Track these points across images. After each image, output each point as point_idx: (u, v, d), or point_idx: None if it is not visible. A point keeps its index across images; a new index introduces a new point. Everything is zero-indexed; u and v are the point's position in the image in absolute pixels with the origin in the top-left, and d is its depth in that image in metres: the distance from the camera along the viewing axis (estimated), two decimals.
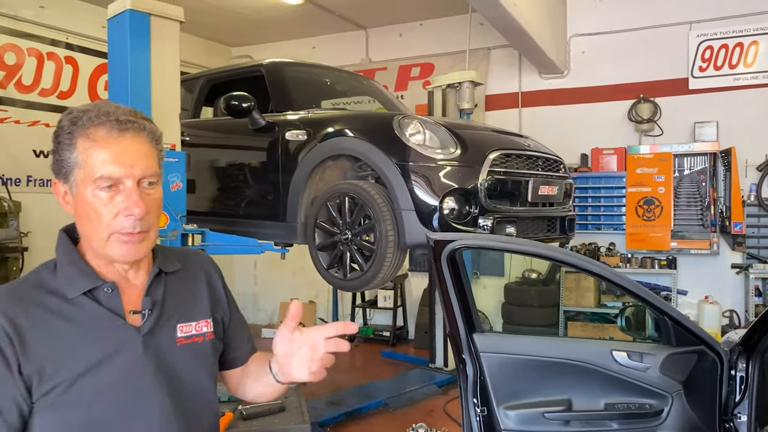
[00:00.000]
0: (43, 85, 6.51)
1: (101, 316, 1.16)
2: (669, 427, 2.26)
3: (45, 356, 1.09)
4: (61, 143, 1.15)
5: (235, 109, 3.79)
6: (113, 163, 1.13)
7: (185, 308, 1.28)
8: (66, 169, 1.15)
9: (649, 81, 6.47)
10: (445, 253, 2.24)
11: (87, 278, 1.17)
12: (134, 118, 1.17)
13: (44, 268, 1.20)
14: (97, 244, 1.16)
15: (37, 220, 6.19)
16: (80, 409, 1.11)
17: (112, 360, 1.14)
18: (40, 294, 1.14)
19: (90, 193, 1.13)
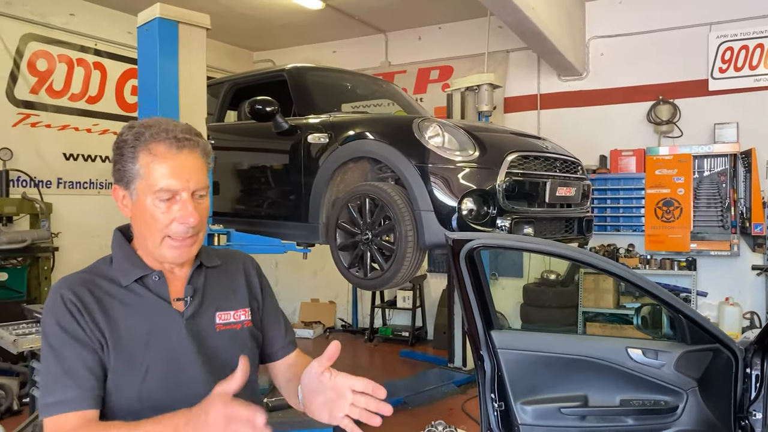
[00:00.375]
0: (72, 90, 6.71)
1: (150, 300, 1.31)
2: (684, 423, 2.30)
3: (105, 332, 1.25)
4: (124, 155, 1.28)
5: (259, 113, 3.91)
6: (172, 176, 1.27)
7: (224, 298, 1.40)
8: (128, 178, 1.29)
9: (669, 82, 6.46)
10: (463, 252, 2.31)
11: (138, 268, 1.33)
12: (190, 135, 1.31)
13: (101, 262, 1.37)
14: (152, 245, 1.31)
15: (66, 221, 6.39)
16: (133, 382, 1.26)
17: (159, 339, 1.29)
18: (100, 281, 1.31)
19: (150, 202, 1.27)
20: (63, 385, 1.19)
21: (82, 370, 1.22)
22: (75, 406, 1.18)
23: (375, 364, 6.96)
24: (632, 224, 6.57)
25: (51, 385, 1.21)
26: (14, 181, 6.00)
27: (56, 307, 1.25)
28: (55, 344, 1.22)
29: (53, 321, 1.24)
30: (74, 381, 1.20)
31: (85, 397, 1.20)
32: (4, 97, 6.13)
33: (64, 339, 1.22)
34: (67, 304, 1.24)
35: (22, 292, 5.64)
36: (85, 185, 6.82)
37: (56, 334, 1.23)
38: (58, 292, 1.26)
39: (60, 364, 1.21)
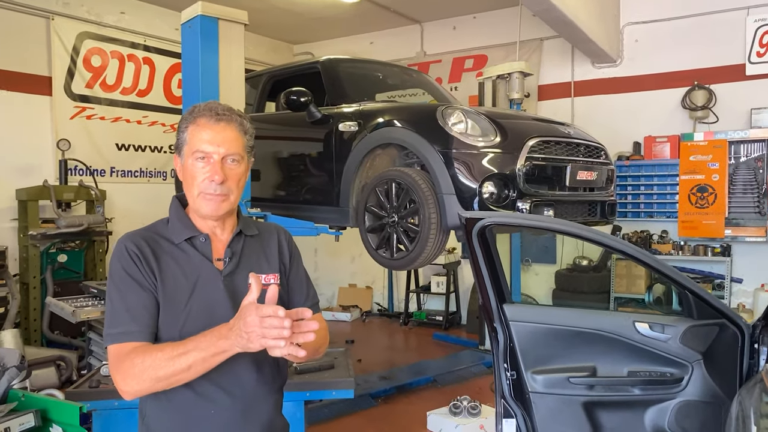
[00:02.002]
0: (124, 84, 7.12)
1: (196, 257, 1.57)
2: (689, 394, 2.40)
3: (158, 278, 1.50)
4: (180, 127, 1.60)
5: (293, 103, 4.13)
6: (207, 142, 1.54)
7: (258, 263, 1.63)
8: (180, 145, 1.59)
9: (704, 68, 6.40)
10: (475, 229, 2.46)
11: (189, 229, 1.59)
12: (229, 112, 1.58)
13: (160, 222, 1.63)
14: (192, 200, 1.58)
15: (119, 207, 6.82)
16: (176, 323, 1.50)
17: (200, 290, 1.53)
18: (157, 237, 1.57)
19: (190, 162, 1.56)
20: (125, 320, 1.45)
21: (141, 308, 1.46)
22: (133, 338, 1.43)
23: (409, 345, 7.17)
24: (666, 210, 6.56)
25: (115, 319, 1.46)
26: (72, 169, 6.44)
27: (122, 255, 1.50)
28: (120, 285, 1.48)
29: (119, 266, 1.49)
30: (134, 317, 1.45)
31: (142, 331, 1.45)
32: (62, 92, 6.57)
33: (127, 281, 1.47)
34: (130, 254, 1.49)
35: (79, 272, 6.07)
36: (136, 174, 7.25)
37: (121, 277, 1.48)
38: (123, 244, 1.52)
39: (123, 301, 1.46)
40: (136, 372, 1.38)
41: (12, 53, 6.14)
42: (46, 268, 5.76)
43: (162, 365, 1.36)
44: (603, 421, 2.48)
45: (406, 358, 6.20)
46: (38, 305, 5.61)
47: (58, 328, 5.50)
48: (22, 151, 6.22)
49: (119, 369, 1.41)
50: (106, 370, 2.69)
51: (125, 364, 1.40)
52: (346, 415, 4.54)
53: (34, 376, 4.74)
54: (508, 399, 2.57)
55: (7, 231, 6.01)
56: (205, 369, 1.37)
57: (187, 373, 1.37)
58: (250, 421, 1.56)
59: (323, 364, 2.84)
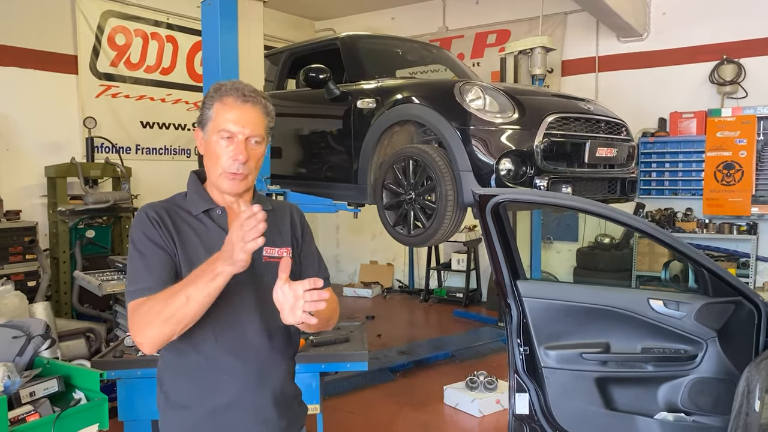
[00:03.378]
0: (148, 63, 7.21)
1: (213, 229, 1.62)
2: (703, 371, 2.40)
3: (177, 244, 1.57)
4: (205, 103, 1.63)
5: (312, 81, 4.14)
6: (232, 122, 1.58)
7: (271, 238, 1.62)
8: (204, 121, 1.62)
9: (734, 41, 6.22)
10: (489, 206, 2.47)
11: (206, 202, 1.64)
12: (255, 94, 1.61)
13: (178, 195, 1.69)
14: (214, 176, 1.62)
15: (144, 184, 6.94)
16: None
17: None
18: (175, 208, 1.63)
19: (214, 140, 1.60)
20: (144, 277, 1.52)
21: (159, 267, 1.53)
22: (151, 292, 1.48)
23: (429, 322, 7.24)
24: (691, 188, 6.45)
25: (135, 277, 1.54)
26: (98, 147, 6.56)
27: (142, 221, 1.57)
28: (140, 247, 1.54)
29: (140, 231, 1.56)
30: (152, 275, 1.52)
31: (159, 287, 1.49)
32: (88, 71, 6.67)
33: (147, 243, 1.54)
34: (150, 220, 1.56)
35: (107, 247, 6.23)
36: (161, 151, 7.36)
37: (142, 240, 1.55)
38: (143, 211, 1.59)
39: (143, 261, 1.53)
40: (145, 319, 1.44)
41: (38, 32, 6.24)
42: (74, 243, 5.92)
43: (164, 304, 1.42)
44: (615, 396, 2.50)
45: (426, 334, 6.26)
46: (68, 279, 5.79)
47: (87, 302, 5.67)
48: (49, 129, 6.36)
49: (134, 322, 1.48)
50: (129, 341, 2.79)
51: (137, 315, 1.47)
52: (365, 388, 4.63)
53: (65, 347, 4.92)
54: (521, 374, 2.60)
55: (37, 207, 6.18)
56: (205, 299, 1.41)
57: (187, 307, 1.41)
58: (263, 387, 1.60)
59: (339, 337, 2.91)
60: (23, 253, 5.52)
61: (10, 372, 2.18)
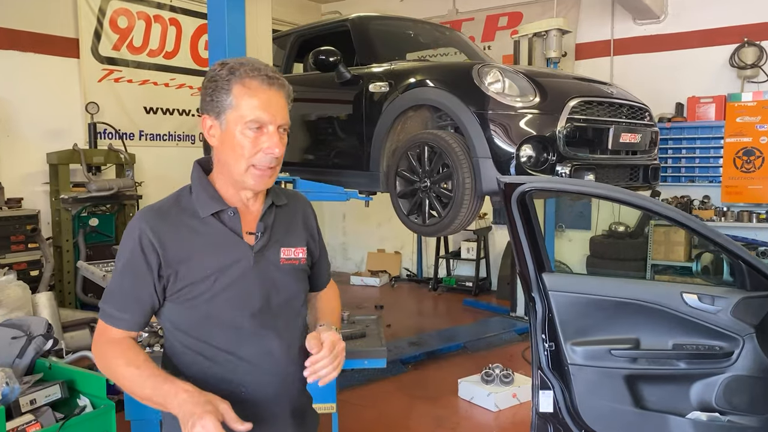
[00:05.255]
0: (151, 46, 7.04)
1: (224, 233, 1.44)
2: (739, 368, 2.28)
3: (180, 261, 1.40)
4: (218, 88, 1.39)
5: (322, 64, 3.99)
6: (261, 109, 1.38)
7: (288, 236, 1.53)
8: (219, 108, 1.40)
9: (755, 23, 6.01)
10: (515, 195, 2.35)
11: (216, 202, 1.44)
12: (278, 76, 1.42)
13: (182, 192, 1.49)
14: (237, 172, 1.41)
15: (148, 171, 6.82)
16: (202, 304, 1.41)
17: (230, 268, 1.42)
18: (179, 212, 1.44)
19: (239, 131, 1.38)
20: (117, 303, 1.41)
21: (133, 298, 1.40)
22: (120, 325, 1.41)
23: (438, 311, 7.13)
24: (708, 175, 6.28)
25: (110, 296, 1.43)
26: (101, 133, 6.43)
27: (132, 236, 1.40)
28: (125, 268, 1.41)
29: (129, 248, 1.40)
30: (125, 304, 1.40)
31: (128, 321, 1.41)
32: (89, 55, 6.51)
33: (129, 267, 1.39)
34: (142, 239, 1.38)
35: (110, 236, 6.12)
36: (165, 137, 7.22)
37: (127, 261, 1.40)
38: (138, 225, 1.40)
39: (120, 282, 1.42)
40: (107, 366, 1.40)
41: (38, 15, 6.08)
42: (78, 232, 5.81)
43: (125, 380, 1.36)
44: (646, 394, 2.39)
45: (436, 324, 6.15)
46: (72, 268, 5.68)
47: (91, 291, 5.57)
48: (51, 114, 6.22)
49: (98, 348, 1.42)
50: None
51: (102, 349, 1.40)
52: (377, 381, 4.52)
53: (69, 337, 4.82)
54: (546, 370, 2.51)
55: (39, 195, 6.05)
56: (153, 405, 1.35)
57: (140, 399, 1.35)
58: (281, 400, 1.50)
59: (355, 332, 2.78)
60: (25, 242, 5.40)
61: (9, 378, 2.03)
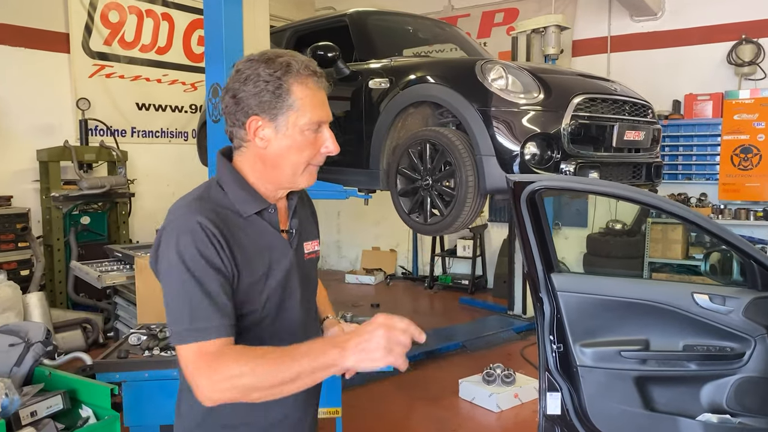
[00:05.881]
0: (143, 42, 6.93)
1: (267, 231, 1.38)
2: (751, 369, 2.26)
3: (238, 262, 1.30)
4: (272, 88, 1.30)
5: (320, 59, 3.90)
6: (322, 108, 1.35)
7: (307, 230, 1.52)
8: (277, 110, 1.31)
9: (753, 20, 6.00)
10: (524, 194, 2.31)
11: (257, 201, 1.37)
12: (323, 73, 1.37)
13: (213, 190, 1.37)
14: (292, 173, 1.36)
15: (140, 168, 6.72)
16: (257, 304, 1.35)
17: (278, 266, 1.38)
18: (222, 210, 1.33)
19: (300, 133, 1.33)
20: (209, 312, 1.22)
21: (225, 298, 1.25)
22: (221, 333, 1.22)
23: (435, 310, 7.09)
24: (705, 172, 6.29)
25: (195, 310, 1.22)
26: (92, 130, 6.33)
27: (196, 235, 1.25)
28: (197, 271, 1.23)
29: (193, 248, 1.24)
30: (220, 309, 1.23)
31: (227, 325, 1.24)
32: (80, 50, 6.40)
33: (206, 267, 1.24)
34: (207, 234, 1.25)
35: (103, 234, 6.02)
36: (157, 134, 7.11)
37: (196, 261, 1.23)
38: (194, 220, 1.26)
39: (203, 290, 1.23)
40: (231, 377, 1.16)
41: (28, 8, 5.96)
42: (69, 231, 5.71)
43: (266, 372, 1.16)
44: (656, 396, 2.37)
45: (433, 323, 6.10)
46: (63, 267, 5.58)
47: (83, 291, 5.47)
48: (41, 110, 6.11)
49: (205, 372, 1.18)
50: (134, 338, 2.59)
51: (215, 366, 1.18)
52: (377, 381, 4.47)
53: (61, 338, 4.73)
54: (554, 372, 2.48)
55: (29, 193, 5.94)
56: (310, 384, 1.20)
57: (291, 385, 1.18)
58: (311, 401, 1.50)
59: None
60: (15, 240, 5.30)
61: (8, 389, 1.93)
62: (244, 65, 1.33)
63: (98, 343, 5.06)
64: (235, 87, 1.32)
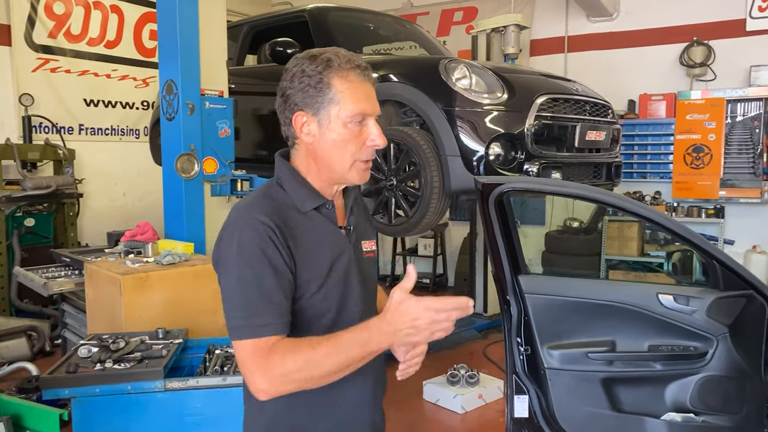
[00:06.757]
0: (90, 35, 6.62)
1: (326, 226, 1.40)
2: (713, 368, 2.28)
3: (295, 256, 1.32)
4: (314, 82, 1.33)
5: (279, 55, 3.81)
6: (366, 101, 1.35)
7: (364, 229, 1.53)
8: (319, 104, 1.33)
9: (704, 23, 6.17)
10: (492, 196, 2.27)
11: (315, 197, 1.39)
12: (369, 66, 1.38)
13: (273, 189, 1.40)
14: (341, 168, 1.37)
15: (89, 167, 6.44)
16: (316, 301, 1.35)
17: (338, 261, 1.38)
18: (283, 207, 1.35)
19: (343, 126, 1.34)
20: (265, 309, 1.25)
21: (281, 296, 1.28)
22: (277, 330, 1.25)
23: None
24: (659, 171, 6.43)
25: (252, 306, 1.26)
26: (37, 127, 6.01)
27: (257, 232, 1.27)
28: (256, 267, 1.26)
29: (253, 244, 1.27)
30: (275, 307, 1.26)
31: (283, 323, 1.27)
32: (23, 42, 6.07)
33: (265, 264, 1.26)
34: (269, 233, 1.28)
35: (48, 237, 5.74)
36: (107, 132, 6.82)
37: (255, 256, 1.26)
38: (254, 216, 1.29)
39: (260, 286, 1.26)
40: (286, 372, 1.22)
41: None
42: (12, 233, 5.41)
43: (318, 363, 1.21)
44: (622, 397, 2.37)
45: None
46: (5, 272, 5.28)
47: (28, 296, 5.20)
48: None
49: (261, 367, 1.23)
50: (84, 350, 2.44)
51: (270, 362, 1.22)
52: None
53: (4, 347, 4.48)
54: (521, 375, 2.46)
55: None
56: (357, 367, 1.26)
57: (343, 372, 1.24)
58: (377, 400, 1.51)
59: None
60: None
61: None
62: (291, 63, 1.38)
63: (45, 351, 4.81)
64: (283, 86, 1.37)
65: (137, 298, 2.79)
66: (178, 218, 3.75)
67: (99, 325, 2.97)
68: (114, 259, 3.36)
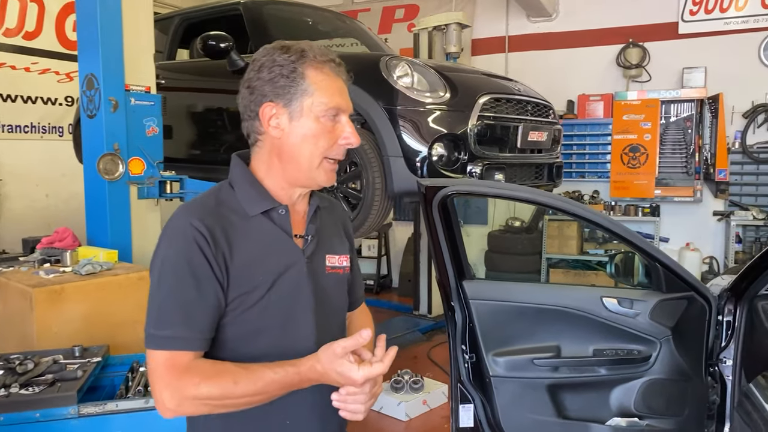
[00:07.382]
0: (7, 25, 6.16)
1: (274, 234, 1.29)
2: (656, 372, 2.28)
3: (235, 267, 1.22)
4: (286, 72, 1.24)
5: (212, 50, 3.60)
6: (341, 97, 1.28)
7: (332, 242, 1.42)
8: (291, 95, 1.25)
9: (639, 25, 6.31)
10: (436, 199, 2.19)
11: (265, 200, 1.29)
12: (342, 62, 1.31)
13: (223, 190, 1.31)
14: (308, 165, 1.27)
15: (7, 167, 6.00)
16: (253, 317, 1.25)
17: (284, 275, 1.27)
18: (225, 210, 1.26)
19: (315, 120, 1.25)
20: (176, 321, 1.18)
21: (199, 310, 1.19)
22: (188, 346, 1.18)
23: None
24: (598, 170, 6.56)
25: (163, 316, 1.19)
26: None
27: (185, 238, 1.19)
28: (175, 274, 1.19)
29: (182, 252, 1.19)
30: (189, 319, 1.18)
31: (200, 339, 1.20)
32: None
33: (187, 274, 1.18)
34: (196, 237, 1.19)
35: None
36: (26, 129, 6.37)
37: (178, 265, 1.19)
38: (186, 221, 1.21)
39: (176, 296, 1.19)
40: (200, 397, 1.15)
41: None
42: None
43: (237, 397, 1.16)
44: (567, 403, 2.35)
45: None
46: None
47: None
48: None
49: (171, 385, 1.15)
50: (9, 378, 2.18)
51: (182, 382, 1.15)
52: None
53: None
54: (466, 384, 2.40)
55: None
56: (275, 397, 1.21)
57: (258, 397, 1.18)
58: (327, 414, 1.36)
59: None
60: None
61: None
62: (260, 54, 1.29)
63: None
64: (250, 77, 1.28)
65: (51, 312, 2.55)
66: (102, 223, 3.48)
67: (8, 342, 2.70)
68: (27, 269, 3.08)
